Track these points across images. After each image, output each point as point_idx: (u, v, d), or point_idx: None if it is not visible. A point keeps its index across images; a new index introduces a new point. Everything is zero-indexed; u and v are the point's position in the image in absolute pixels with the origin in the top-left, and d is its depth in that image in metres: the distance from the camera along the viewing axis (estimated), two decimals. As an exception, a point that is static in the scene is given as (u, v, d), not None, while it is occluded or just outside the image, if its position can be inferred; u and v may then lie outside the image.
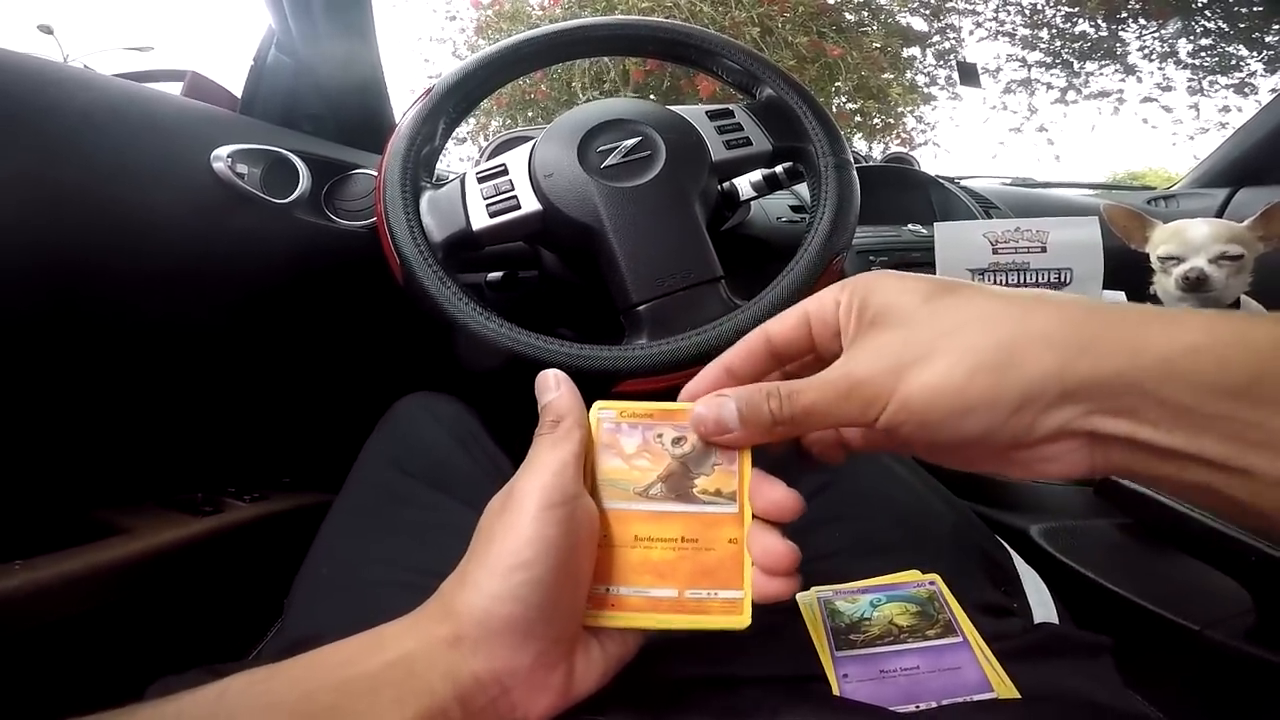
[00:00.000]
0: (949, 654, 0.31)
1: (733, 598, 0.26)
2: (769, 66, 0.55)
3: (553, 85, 4.22)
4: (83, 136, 0.48)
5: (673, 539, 0.27)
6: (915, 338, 0.23)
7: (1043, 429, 0.21)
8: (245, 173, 0.57)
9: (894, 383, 0.22)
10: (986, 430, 0.22)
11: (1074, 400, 0.21)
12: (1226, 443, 0.19)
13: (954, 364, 0.22)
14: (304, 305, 0.66)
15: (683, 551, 0.27)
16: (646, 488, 0.27)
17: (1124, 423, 0.20)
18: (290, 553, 0.42)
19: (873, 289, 0.24)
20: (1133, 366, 0.20)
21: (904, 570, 0.36)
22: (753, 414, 0.25)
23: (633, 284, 0.46)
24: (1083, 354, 0.20)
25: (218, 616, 0.57)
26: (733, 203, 0.68)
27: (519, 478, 0.26)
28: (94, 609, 0.48)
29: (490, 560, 0.24)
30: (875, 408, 0.23)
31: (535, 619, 0.24)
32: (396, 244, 0.47)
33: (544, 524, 0.24)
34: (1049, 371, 0.21)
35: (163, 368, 0.57)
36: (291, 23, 0.67)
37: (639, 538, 0.27)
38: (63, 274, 0.48)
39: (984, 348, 0.21)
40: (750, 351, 0.27)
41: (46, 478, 0.52)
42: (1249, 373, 0.19)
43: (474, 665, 0.23)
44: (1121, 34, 4.73)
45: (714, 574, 0.26)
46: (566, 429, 0.27)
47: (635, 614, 0.26)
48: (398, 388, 0.53)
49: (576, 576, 0.25)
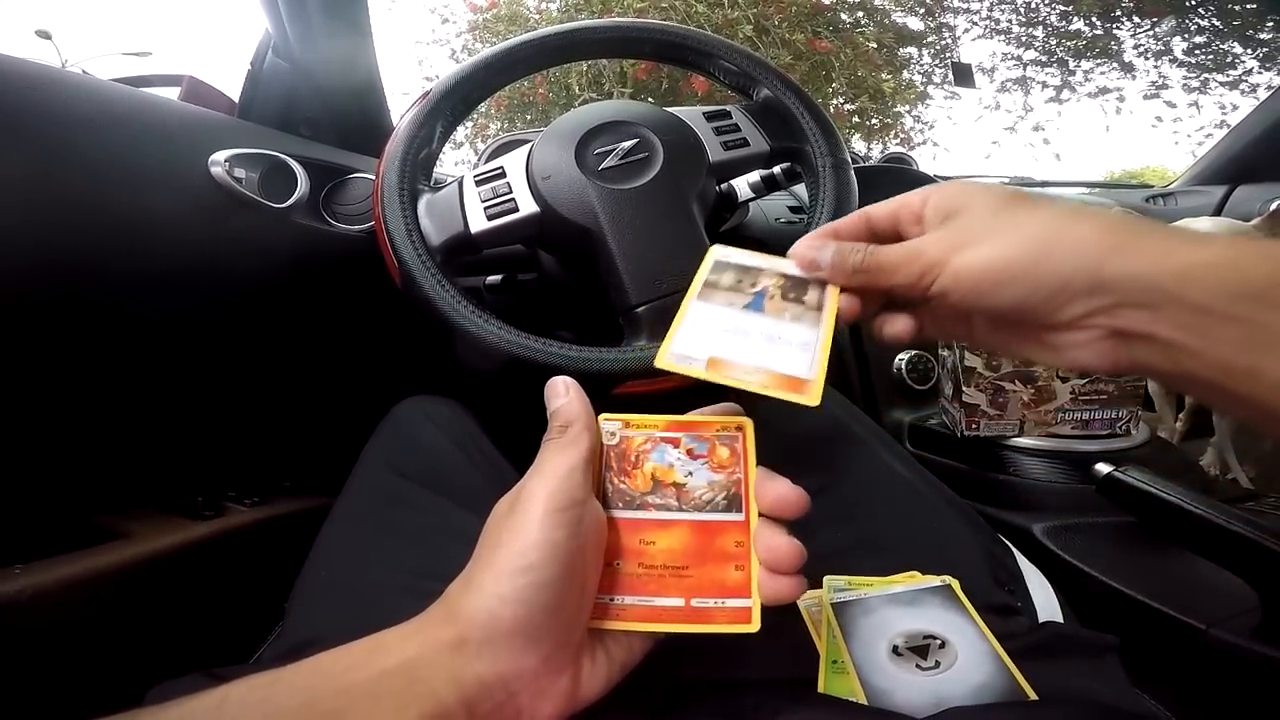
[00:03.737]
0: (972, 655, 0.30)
1: (740, 606, 0.26)
2: (766, 67, 0.55)
3: (551, 87, 4.23)
4: (81, 141, 0.48)
5: (677, 547, 0.27)
6: (976, 227, 0.27)
7: (1072, 312, 0.25)
8: (243, 177, 0.57)
9: (950, 256, 0.26)
10: (1022, 302, 0.25)
11: (1103, 292, 0.24)
12: (1237, 343, 0.22)
13: (1003, 247, 0.25)
14: (303, 309, 0.66)
15: (688, 559, 0.27)
16: (650, 497, 0.28)
17: (1145, 317, 0.23)
18: (290, 556, 0.42)
19: (956, 191, 0.28)
20: (1158, 269, 0.23)
21: (906, 570, 0.36)
22: (840, 258, 0.29)
23: (631, 286, 0.46)
24: (1115, 254, 0.24)
25: (218, 620, 0.56)
26: (731, 204, 0.68)
27: (527, 481, 0.26)
28: (94, 613, 0.48)
29: (496, 563, 0.24)
30: (931, 274, 0.27)
31: (541, 622, 0.24)
32: (394, 247, 0.46)
33: (551, 527, 0.24)
34: (1084, 264, 0.24)
35: (162, 372, 0.57)
36: (288, 27, 0.67)
37: (644, 545, 0.27)
38: (62, 278, 0.47)
39: (1029, 238, 0.25)
40: (853, 224, 0.31)
41: (47, 482, 0.52)
42: (1266, 279, 0.21)
43: (479, 669, 0.23)
44: (1116, 32, 4.74)
45: (721, 582, 0.27)
46: (575, 434, 0.27)
47: (641, 623, 0.27)
48: (397, 391, 0.53)
49: (583, 581, 0.25)
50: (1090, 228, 0.24)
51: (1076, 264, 0.24)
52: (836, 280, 0.30)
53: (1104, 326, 0.24)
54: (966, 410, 0.66)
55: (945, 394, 0.72)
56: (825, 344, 0.29)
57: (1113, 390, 0.63)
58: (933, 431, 0.74)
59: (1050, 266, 0.24)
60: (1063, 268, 0.24)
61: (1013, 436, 0.66)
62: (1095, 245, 0.24)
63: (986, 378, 0.65)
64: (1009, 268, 0.25)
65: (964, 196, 0.28)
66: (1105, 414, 0.64)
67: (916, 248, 0.28)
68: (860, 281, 0.29)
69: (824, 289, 0.31)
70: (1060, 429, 0.64)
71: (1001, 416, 0.65)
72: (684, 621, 0.26)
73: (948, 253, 0.26)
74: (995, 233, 0.26)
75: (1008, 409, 0.65)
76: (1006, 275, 0.25)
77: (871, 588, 0.35)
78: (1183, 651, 0.44)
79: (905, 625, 0.32)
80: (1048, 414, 0.64)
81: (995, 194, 0.27)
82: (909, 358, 0.81)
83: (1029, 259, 0.25)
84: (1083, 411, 0.64)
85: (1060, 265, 0.24)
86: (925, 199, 0.29)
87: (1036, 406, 0.64)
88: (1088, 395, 0.63)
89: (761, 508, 0.27)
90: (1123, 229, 0.24)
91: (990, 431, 0.66)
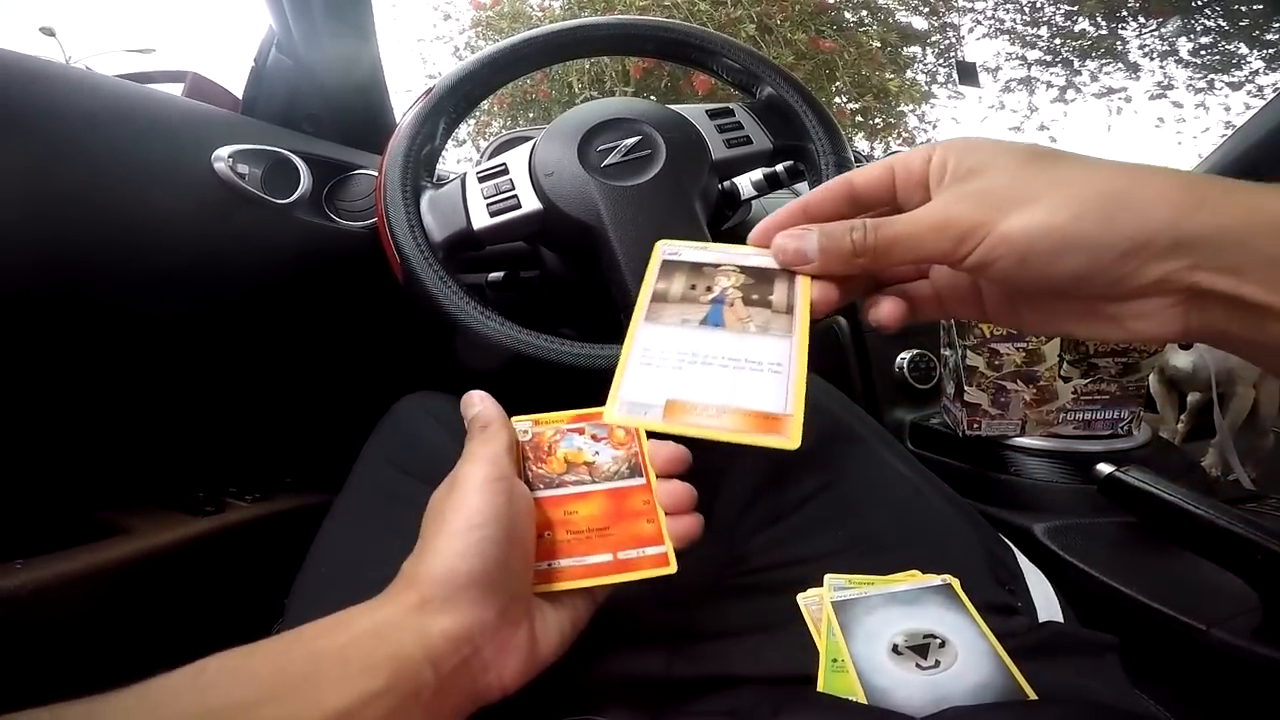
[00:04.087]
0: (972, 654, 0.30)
1: (657, 552, 0.31)
2: (769, 65, 0.55)
3: (553, 86, 4.23)
4: (84, 137, 0.48)
5: (596, 513, 0.32)
6: (1018, 184, 0.23)
7: (1145, 277, 0.21)
8: (246, 173, 0.57)
9: (994, 219, 0.22)
10: (1086, 271, 0.22)
11: (1183, 252, 0.21)
12: None
13: (1059, 207, 0.22)
14: (304, 305, 0.66)
15: (608, 521, 0.32)
16: (566, 476, 0.33)
17: (1229, 279, 0.20)
18: (291, 552, 0.42)
19: (970, 147, 0.24)
20: (1247, 224, 0.20)
21: (907, 569, 0.36)
22: (833, 244, 0.25)
23: (633, 282, 0.46)
24: (1198, 209, 0.20)
25: (218, 616, 0.57)
26: (734, 202, 0.68)
27: (459, 469, 0.29)
28: (94, 608, 0.48)
29: (446, 528, 0.27)
30: (970, 242, 0.23)
31: (494, 573, 0.26)
32: (397, 243, 0.46)
33: (490, 494, 0.28)
34: (1162, 220, 0.21)
35: (163, 367, 0.57)
36: (292, 24, 0.67)
37: (569, 515, 0.32)
38: (64, 273, 0.48)
39: (1093, 196, 0.21)
40: (831, 194, 0.27)
41: (48, 477, 0.52)
42: None
43: (443, 624, 0.25)
44: (1121, 32, 4.72)
45: (638, 535, 0.31)
46: (494, 430, 0.31)
47: (579, 579, 0.30)
48: (398, 387, 0.53)
49: (523, 543, 0.28)
50: (1165, 182, 0.21)
51: (1156, 219, 0.21)
52: (834, 270, 0.26)
53: (1179, 289, 0.21)
54: (968, 410, 0.66)
55: (947, 393, 0.72)
56: (801, 361, 0.25)
57: (1115, 390, 0.63)
58: (934, 431, 0.73)
59: (1125, 225, 0.21)
60: (1139, 226, 0.21)
61: (1014, 436, 0.66)
62: (1174, 201, 0.21)
63: (989, 377, 0.64)
64: (1074, 229, 0.21)
65: (986, 151, 0.24)
66: (1107, 414, 0.64)
67: (943, 211, 0.24)
68: (862, 266, 0.25)
69: (792, 282, 0.27)
70: (1062, 429, 0.64)
71: (1003, 416, 0.65)
72: (614, 572, 0.30)
73: (988, 214, 0.22)
74: (1043, 191, 0.22)
75: (1009, 409, 0.65)
76: (1071, 239, 0.21)
77: (872, 586, 0.35)
78: (1183, 652, 0.44)
79: (905, 624, 0.32)
80: (1050, 414, 0.64)
81: (1021, 148, 0.24)
82: (910, 357, 0.81)
83: (1097, 220, 0.21)
84: (1085, 411, 0.64)
85: (1136, 222, 0.21)
86: (930, 156, 0.25)
87: (1038, 406, 0.64)
88: (1090, 395, 0.63)
89: (657, 468, 0.33)
90: (1202, 183, 0.21)
91: (992, 431, 0.66)
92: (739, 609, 0.36)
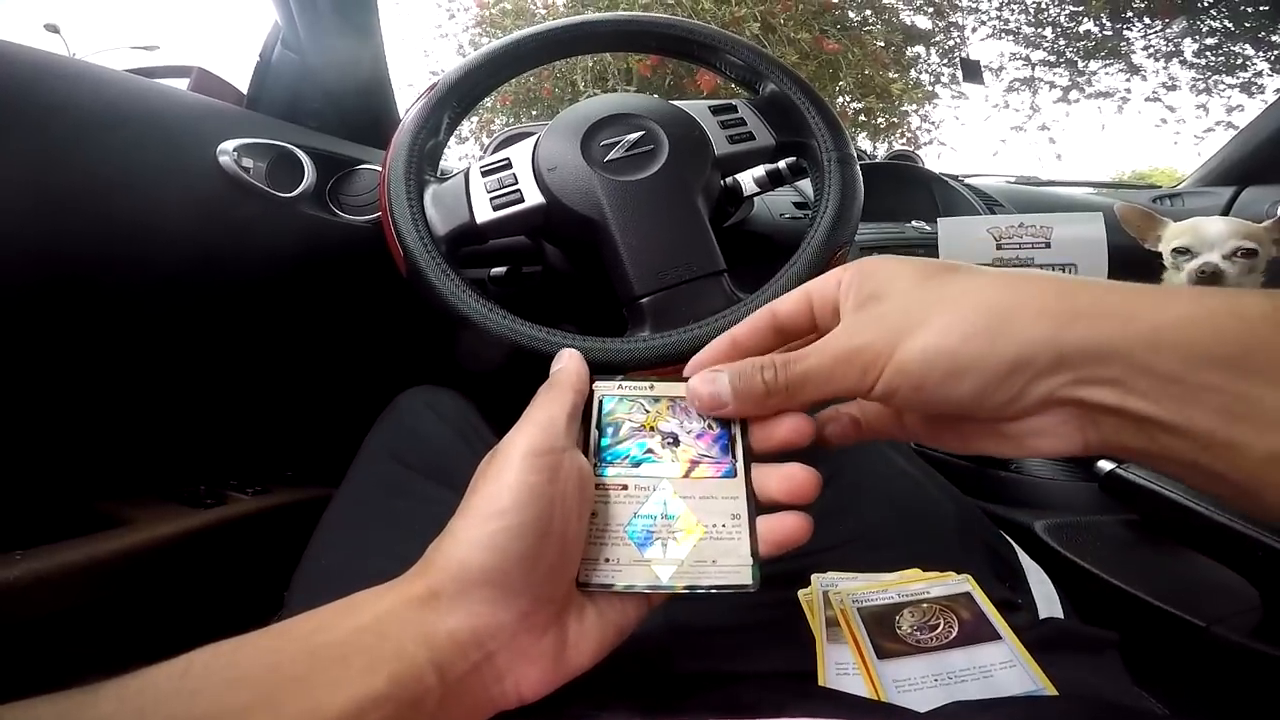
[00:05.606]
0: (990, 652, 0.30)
1: (739, 562, 0.25)
2: (772, 62, 0.55)
3: (555, 83, 4.23)
4: (90, 130, 0.48)
5: (671, 504, 0.27)
6: (912, 307, 0.23)
7: (1033, 396, 0.21)
8: (251, 167, 0.57)
9: (891, 347, 0.22)
10: (978, 394, 0.21)
11: (1065, 367, 0.20)
12: (1214, 415, 0.19)
13: (948, 328, 0.22)
14: (307, 299, 0.66)
15: (684, 518, 0.26)
16: (643, 455, 0.28)
17: (1113, 392, 0.20)
18: (291, 545, 0.42)
19: (873, 268, 0.25)
20: (1124, 334, 0.20)
21: (909, 565, 0.36)
22: (746, 386, 0.25)
23: (635, 277, 0.46)
24: (1075, 321, 0.20)
25: (218, 609, 0.57)
26: (736, 198, 0.68)
27: (511, 433, 0.26)
28: (94, 600, 0.48)
29: (470, 509, 0.24)
30: (872, 373, 0.23)
31: (514, 570, 0.22)
32: (400, 237, 0.46)
33: (527, 470, 0.24)
34: (1042, 337, 0.20)
35: (166, 360, 0.57)
36: (297, 19, 0.67)
37: (635, 500, 0.27)
38: (69, 266, 0.48)
39: (978, 314, 0.21)
40: (756, 327, 0.27)
41: (50, 469, 0.53)
42: (1240, 343, 0.19)
43: (450, 623, 0.22)
44: (1126, 33, 4.71)
45: (717, 540, 0.26)
46: (560, 390, 0.27)
47: (634, 582, 0.25)
48: (400, 381, 0.53)
49: (563, 530, 0.24)
50: (1044, 295, 0.21)
51: (1035, 336, 0.20)
52: (751, 412, 0.26)
53: (1068, 405, 0.21)
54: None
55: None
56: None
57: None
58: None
59: (1006, 344, 0.21)
60: (1020, 344, 0.21)
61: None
62: (1053, 314, 0.21)
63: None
64: (962, 351, 0.21)
65: (884, 273, 0.24)
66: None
67: (846, 343, 0.24)
68: (779, 404, 0.25)
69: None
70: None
71: (1005, 415, 0.65)
72: (679, 579, 0.26)
73: (886, 343, 0.23)
74: (934, 312, 0.22)
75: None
76: (959, 363, 0.21)
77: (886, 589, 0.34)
78: (1183, 649, 0.44)
79: (915, 619, 0.32)
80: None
81: (917, 266, 0.24)
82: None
83: (982, 339, 0.21)
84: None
85: (1016, 341, 0.21)
86: (839, 279, 0.25)
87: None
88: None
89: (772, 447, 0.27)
90: (1079, 293, 0.21)
91: (993, 429, 0.66)
92: (740, 604, 0.36)
